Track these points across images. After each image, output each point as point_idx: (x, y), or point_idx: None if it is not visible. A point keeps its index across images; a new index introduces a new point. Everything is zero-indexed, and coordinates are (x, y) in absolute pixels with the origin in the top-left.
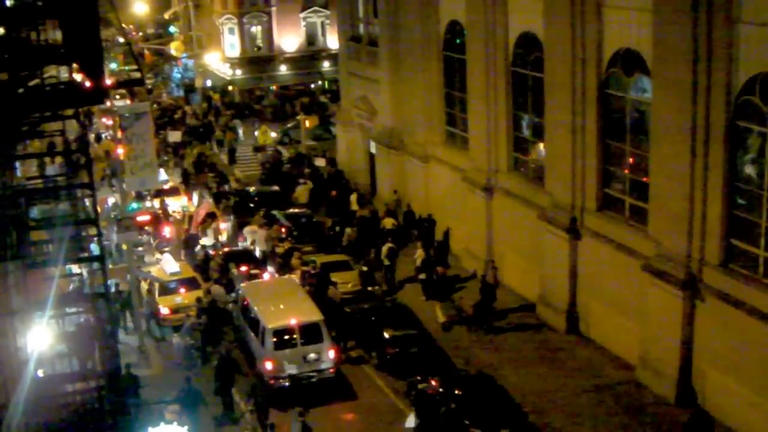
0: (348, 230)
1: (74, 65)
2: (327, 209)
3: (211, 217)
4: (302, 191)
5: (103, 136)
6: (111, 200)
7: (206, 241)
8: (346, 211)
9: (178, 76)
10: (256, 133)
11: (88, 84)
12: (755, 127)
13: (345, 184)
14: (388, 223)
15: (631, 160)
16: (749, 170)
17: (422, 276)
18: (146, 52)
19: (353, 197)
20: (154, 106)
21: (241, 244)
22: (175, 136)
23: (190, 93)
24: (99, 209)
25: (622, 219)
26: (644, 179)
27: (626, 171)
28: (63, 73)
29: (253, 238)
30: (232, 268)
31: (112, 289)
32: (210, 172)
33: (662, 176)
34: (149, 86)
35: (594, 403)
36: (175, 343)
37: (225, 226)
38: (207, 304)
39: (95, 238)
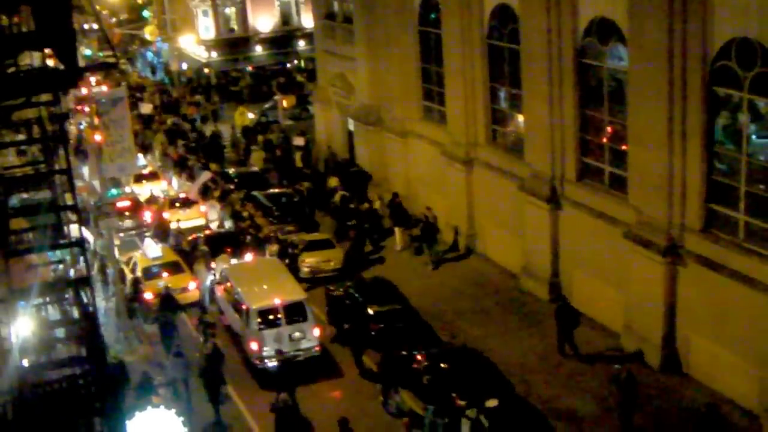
0: (305, 183)
1: (47, 51)
2: (274, 168)
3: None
4: (257, 157)
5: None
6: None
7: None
8: (291, 169)
9: (151, 55)
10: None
11: (61, 68)
12: (732, 92)
13: (291, 146)
14: (333, 181)
15: (609, 128)
16: (727, 135)
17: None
18: (118, 35)
19: (297, 155)
20: (123, 84)
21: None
22: (146, 108)
23: (154, 74)
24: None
25: (602, 188)
26: (623, 147)
27: (605, 140)
28: (37, 60)
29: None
30: (200, 245)
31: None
32: (181, 139)
33: (641, 144)
34: (122, 69)
35: (580, 372)
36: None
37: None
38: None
39: (75, 225)
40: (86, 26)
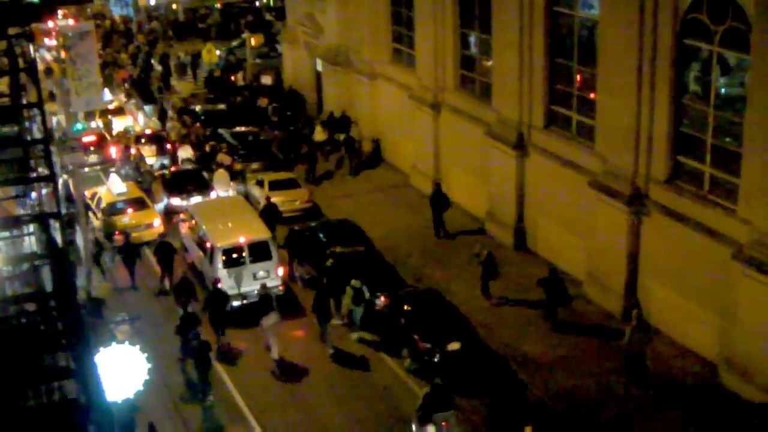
0: (239, 98)
1: None
2: (212, 87)
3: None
4: (185, 86)
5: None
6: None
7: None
8: (230, 87)
9: None
10: None
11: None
12: (702, 45)
13: (229, 68)
14: (263, 102)
15: (578, 77)
16: (695, 88)
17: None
18: None
19: (239, 75)
20: (88, 10)
21: None
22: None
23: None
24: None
25: (569, 136)
26: (591, 96)
27: (573, 88)
28: None
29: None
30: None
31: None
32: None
33: (609, 93)
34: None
35: (542, 318)
36: None
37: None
38: None
39: (44, 159)
40: None
